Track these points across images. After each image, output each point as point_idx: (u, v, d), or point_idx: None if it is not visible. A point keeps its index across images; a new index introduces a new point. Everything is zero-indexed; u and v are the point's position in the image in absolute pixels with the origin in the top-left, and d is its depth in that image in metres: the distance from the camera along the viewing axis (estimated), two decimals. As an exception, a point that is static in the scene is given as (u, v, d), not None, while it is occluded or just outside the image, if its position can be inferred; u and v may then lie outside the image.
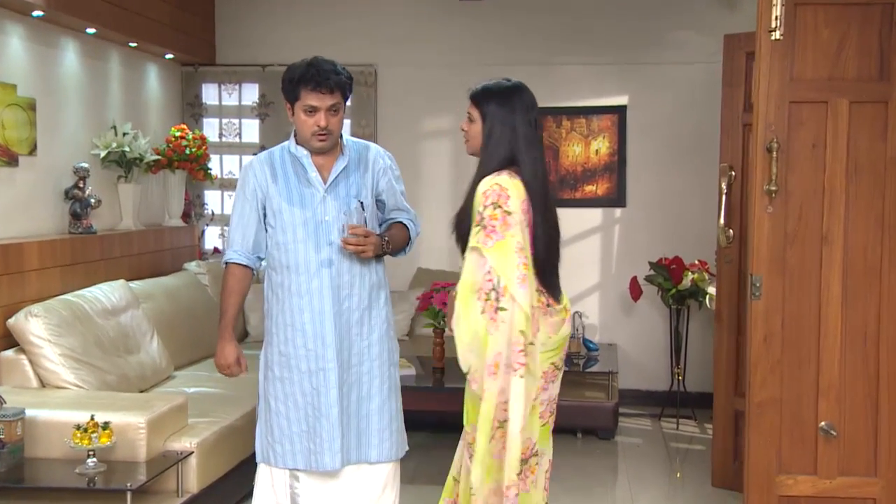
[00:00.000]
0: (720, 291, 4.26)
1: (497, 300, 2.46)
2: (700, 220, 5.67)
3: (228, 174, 6.08)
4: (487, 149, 2.60)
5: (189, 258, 5.54)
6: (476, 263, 2.50)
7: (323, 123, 2.78)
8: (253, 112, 6.00)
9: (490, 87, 2.67)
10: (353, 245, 2.77)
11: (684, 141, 5.78)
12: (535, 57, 5.85)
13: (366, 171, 2.91)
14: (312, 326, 2.84)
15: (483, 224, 2.50)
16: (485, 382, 2.48)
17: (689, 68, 5.72)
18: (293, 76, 2.79)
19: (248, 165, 2.93)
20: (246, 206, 2.89)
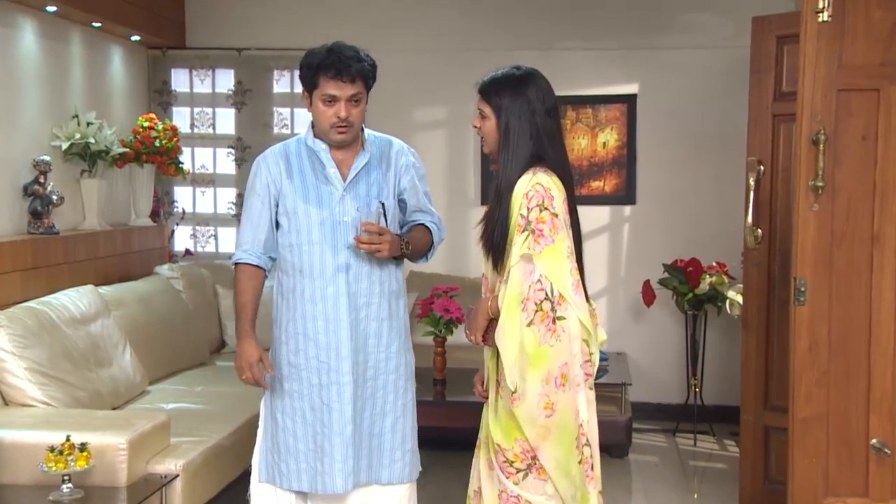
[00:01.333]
0: (748, 296, 4.24)
1: (553, 310, 2.48)
2: (717, 219, 5.68)
3: (201, 168, 6.02)
4: (509, 148, 2.58)
5: (159, 261, 5.46)
6: (523, 271, 2.49)
7: (343, 114, 2.76)
8: (228, 101, 5.95)
9: (499, 78, 2.64)
10: (367, 244, 2.73)
11: (699, 132, 5.78)
12: (536, 41, 5.82)
13: (388, 168, 2.89)
14: (326, 336, 2.81)
15: (531, 228, 2.50)
16: (552, 396, 2.51)
17: (704, 53, 5.72)
18: (312, 62, 2.77)
19: (261, 158, 2.91)
20: (256, 203, 2.87)
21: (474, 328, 2.65)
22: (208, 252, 6.04)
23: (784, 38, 4.03)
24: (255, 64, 5.89)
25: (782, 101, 4.08)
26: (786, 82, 4.08)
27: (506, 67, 2.67)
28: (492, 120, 2.63)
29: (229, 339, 5.34)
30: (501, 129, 2.59)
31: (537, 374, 2.50)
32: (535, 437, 2.54)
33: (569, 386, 2.52)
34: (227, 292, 5.38)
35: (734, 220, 5.50)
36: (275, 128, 5.94)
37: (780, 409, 4.08)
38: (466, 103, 5.97)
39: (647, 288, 5.46)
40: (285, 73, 5.90)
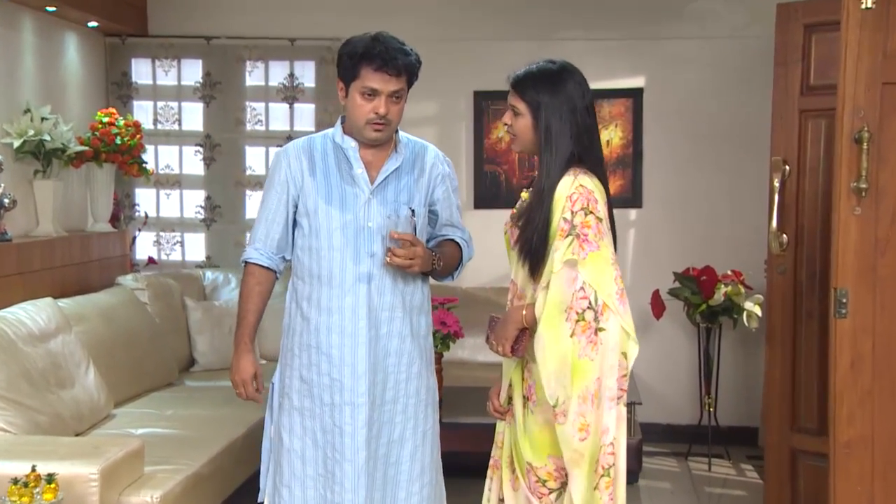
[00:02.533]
0: (772, 307, 4.23)
1: (596, 320, 2.50)
2: (732, 223, 5.69)
3: (165, 169, 5.96)
4: (551, 148, 2.60)
5: (120, 270, 5.37)
6: (566, 279, 2.52)
7: (383, 111, 2.75)
8: (196, 94, 5.91)
9: (535, 73, 2.66)
10: (400, 257, 2.72)
11: (711, 130, 5.78)
12: (532, 31, 5.80)
13: (421, 174, 2.90)
14: (340, 352, 2.80)
15: (576, 233, 2.53)
16: (588, 415, 2.51)
17: (716, 44, 5.72)
18: (354, 51, 2.75)
19: (283, 152, 2.90)
20: (273, 199, 2.87)
21: (502, 338, 2.63)
22: (174, 261, 5.98)
23: (812, 26, 4.03)
24: (225, 54, 5.84)
25: (810, 96, 4.07)
26: (814, 75, 4.07)
27: (539, 61, 2.68)
28: (526, 118, 2.64)
29: (199, 355, 5.27)
30: (541, 128, 2.61)
31: (575, 391, 2.51)
32: (569, 461, 2.54)
33: (599, 402, 2.52)
34: (196, 304, 5.33)
35: (750, 224, 5.52)
36: (248, 124, 5.90)
37: (810, 431, 4.08)
38: (457, 99, 6.07)
39: (657, 299, 5.44)
40: (259, 64, 5.87)
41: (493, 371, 5.17)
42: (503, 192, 5.85)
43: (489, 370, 5.22)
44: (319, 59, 5.80)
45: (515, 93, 2.66)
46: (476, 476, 4.19)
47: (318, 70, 5.82)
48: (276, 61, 5.85)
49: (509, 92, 2.69)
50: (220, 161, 5.89)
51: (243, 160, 5.91)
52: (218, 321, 5.29)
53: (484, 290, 5.76)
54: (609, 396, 2.53)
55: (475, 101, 5.86)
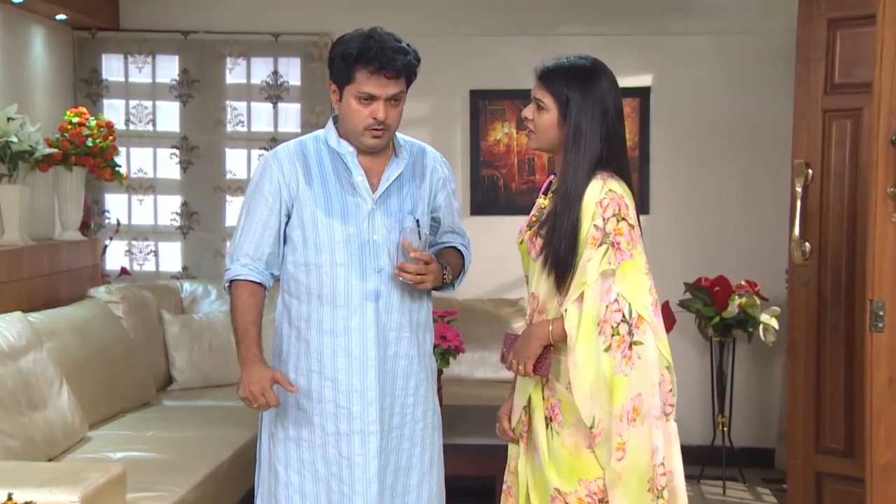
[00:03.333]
0: (795, 320, 4.24)
1: (630, 333, 2.51)
2: (746, 231, 5.69)
3: (139, 173, 5.92)
4: (579, 150, 2.60)
5: (91, 281, 5.31)
6: (599, 290, 2.53)
7: (381, 116, 2.70)
8: (171, 93, 5.87)
9: (566, 66, 2.67)
10: (412, 274, 2.69)
11: (724, 131, 5.78)
12: (532, 26, 5.79)
13: (422, 180, 2.88)
14: (348, 377, 2.75)
15: (609, 241, 2.54)
16: (624, 434, 2.51)
17: (729, 39, 5.72)
18: (348, 52, 2.69)
19: (272, 157, 2.83)
20: (263, 209, 2.78)
21: (524, 356, 2.62)
22: (147, 271, 5.93)
23: (837, 21, 4.04)
24: (203, 49, 5.81)
25: (834, 95, 4.09)
26: (839, 73, 4.09)
27: (570, 56, 2.69)
28: (552, 113, 2.63)
29: (178, 373, 5.22)
30: (570, 127, 2.60)
31: (616, 408, 2.52)
32: (609, 483, 2.55)
33: (641, 419, 2.52)
34: (174, 318, 5.29)
35: (766, 231, 5.53)
36: (228, 125, 5.86)
37: (836, 453, 4.08)
38: (452, 98, 6.04)
39: (666, 311, 5.36)
40: (240, 60, 5.83)
41: (491, 388, 5.26)
42: (501, 197, 5.82)
43: (488, 388, 5.25)
44: (305, 56, 5.76)
45: (543, 85, 2.65)
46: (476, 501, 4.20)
47: (304, 67, 5.79)
48: (258, 58, 5.82)
49: (535, 84, 2.68)
50: (198, 164, 5.84)
51: (223, 164, 5.86)
52: (197, 336, 5.25)
53: (481, 302, 5.72)
54: (655, 415, 2.52)
55: (471, 100, 5.83)
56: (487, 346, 5.42)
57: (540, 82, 2.66)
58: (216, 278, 5.75)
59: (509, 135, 5.83)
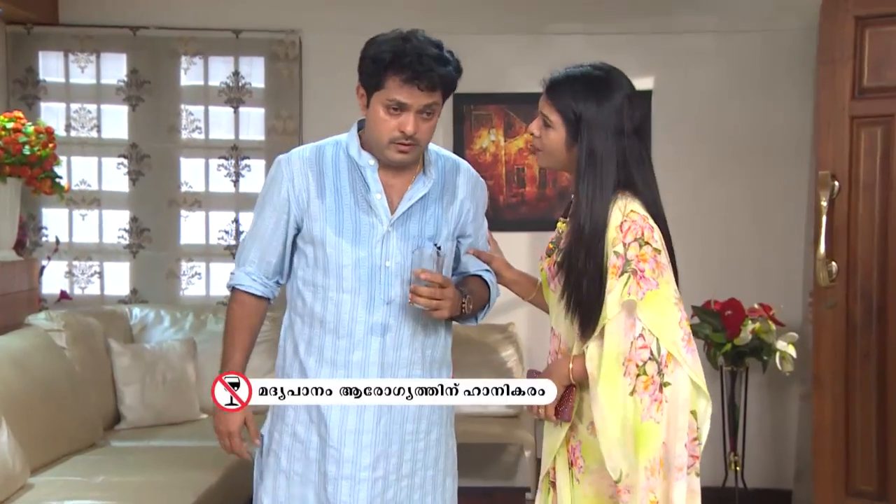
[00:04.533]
0: (820, 347, 4.25)
1: (660, 373, 2.48)
2: (759, 248, 5.69)
3: (81, 184, 5.85)
4: (591, 175, 2.57)
5: (27, 307, 5.22)
6: (623, 325, 2.50)
7: (410, 129, 2.64)
8: (119, 95, 5.82)
9: (576, 77, 2.62)
10: (426, 298, 2.63)
11: (734, 138, 5.78)
12: (521, 23, 5.78)
13: (451, 202, 2.83)
14: (342, 416, 2.73)
15: (631, 269, 2.50)
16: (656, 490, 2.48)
17: (738, 38, 5.74)
18: (380, 56, 2.63)
19: (285, 162, 2.80)
20: (270, 219, 2.80)
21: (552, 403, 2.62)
22: (91, 295, 5.85)
23: (866, 18, 4.08)
24: (155, 47, 5.77)
25: (863, 100, 4.12)
26: (868, 75, 4.12)
27: (581, 65, 2.64)
28: (559, 132, 2.61)
29: (127, 410, 5.14)
30: (582, 150, 2.56)
31: (641, 461, 2.48)
32: None
33: (666, 471, 2.49)
34: (123, 348, 5.22)
35: (781, 248, 5.55)
36: (183, 131, 5.81)
37: (868, 496, 4.08)
38: None
39: (672, 338, 5.40)
40: (197, 60, 5.79)
41: (481, 424, 5.22)
42: (488, 211, 5.60)
43: (476, 423, 5.21)
44: (270, 55, 5.73)
45: (549, 100, 2.62)
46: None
47: (268, 68, 5.77)
48: (217, 57, 5.79)
49: (542, 97, 2.65)
50: (150, 175, 5.79)
51: (178, 174, 5.82)
52: (149, 368, 5.18)
53: (466, 328, 5.61)
54: (677, 465, 2.49)
55: (455, 104, 5.78)
56: (475, 376, 5.31)
57: (546, 96, 2.63)
58: (169, 303, 5.76)
59: (496, 143, 5.81)
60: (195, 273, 5.85)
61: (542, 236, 5.69)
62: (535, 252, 5.69)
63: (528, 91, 5.72)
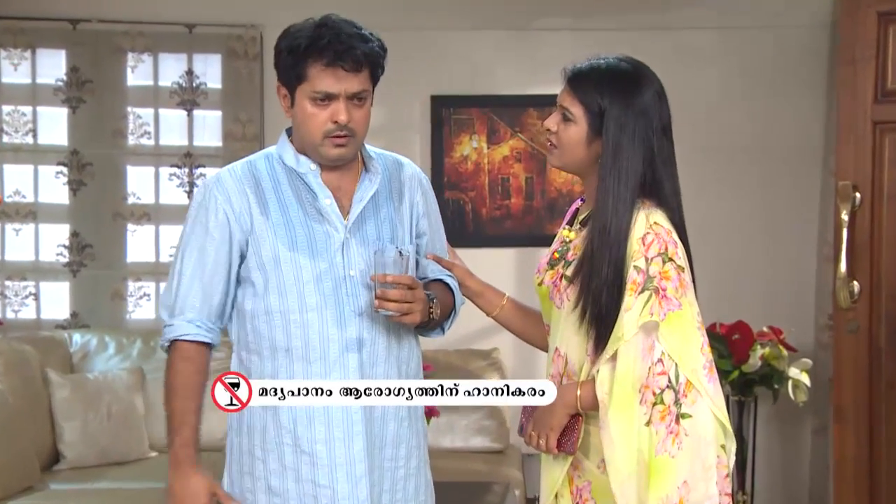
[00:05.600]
0: (842, 375, 4.26)
1: (677, 403, 2.49)
2: (768, 266, 5.70)
3: (14, 196, 5.81)
4: (617, 172, 2.59)
5: (-47, 333, 5.18)
6: (640, 347, 2.50)
7: (343, 118, 2.67)
8: (57, 96, 5.80)
9: (603, 69, 2.66)
10: (396, 302, 2.63)
11: (738, 146, 5.80)
12: (506, 18, 5.80)
13: (401, 201, 2.88)
14: (329, 448, 2.71)
15: (653, 286, 2.51)
16: None
17: (744, 36, 5.75)
18: (296, 43, 2.67)
19: (214, 184, 2.78)
20: (208, 249, 2.74)
21: (547, 427, 2.61)
22: (25, 319, 5.82)
23: (890, 14, 4.10)
24: (98, 43, 5.74)
25: (888, 103, 4.15)
26: (892, 76, 4.15)
27: (605, 56, 2.68)
28: (580, 127, 2.62)
29: (67, 447, 5.09)
30: (608, 146, 2.59)
31: (652, 499, 2.48)
32: None
33: None
34: (62, 379, 5.18)
35: (793, 266, 5.59)
36: (130, 136, 5.79)
37: (896, 538, 4.04)
38: (409, 105, 5.97)
39: (673, 364, 5.39)
40: (145, 57, 5.77)
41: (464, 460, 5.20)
42: (469, 226, 5.80)
43: (459, 459, 5.21)
44: (228, 52, 5.73)
45: (572, 92, 2.63)
46: None
47: (225, 66, 5.76)
48: (168, 54, 5.79)
49: (563, 89, 2.67)
50: (92, 186, 5.75)
51: (124, 184, 5.80)
52: (92, 401, 5.13)
53: (446, 354, 5.64)
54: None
55: (433, 108, 5.81)
56: (456, 409, 5.34)
57: (569, 87, 2.64)
58: (114, 327, 5.71)
59: (479, 150, 5.79)
60: (143, 294, 5.80)
61: (530, 253, 5.85)
62: (522, 270, 5.72)
63: (513, 93, 5.91)
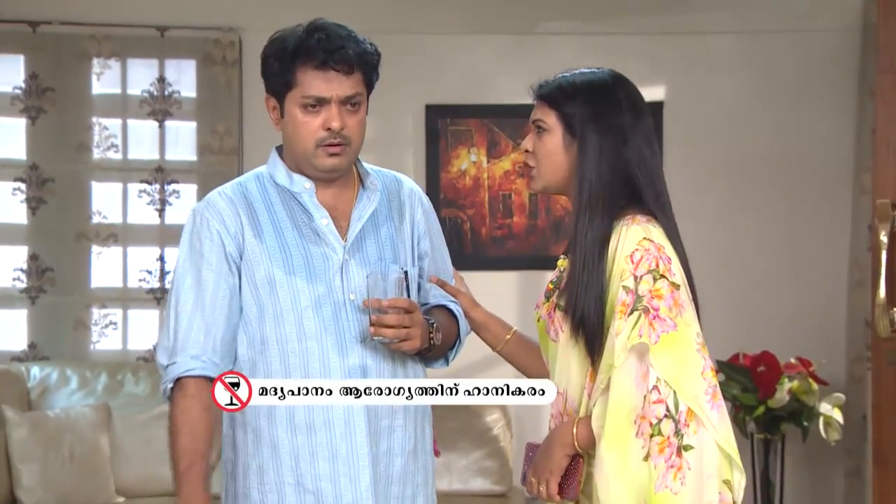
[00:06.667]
0: (881, 412, 4.18)
1: (677, 434, 2.45)
2: (795, 292, 5.70)
3: None
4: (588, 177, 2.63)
5: None
6: (633, 374, 2.50)
7: (336, 124, 2.70)
8: (14, 105, 5.80)
9: (575, 81, 2.69)
10: (393, 328, 2.66)
11: (760, 159, 5.81)
12: (507, 21, 5.83)
13: (401, 220, 2.91)
14: (334, 486, 2.73)
15: (643, 306, 2.50)
16: None
17: (765, 41, 5.77)
18: (283, 47, 2.71)
19: (205, 208, 2.81)
20: (207, 276, 2.77)
21: (546, 471, 2.61)
22: (-23, 349, 5.82)
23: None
24: (60, 47, 5.74)
25: (932, 114, 4.06)
26: (935, 85, 4.06)
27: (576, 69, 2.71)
28: (556, 134, 2.67)
29: (25, 493, 5.06)
30: (586, 154, 2.62)
31: None
32: None
33: None
34: (19, 417, 5.16)
35: (822, 291, 5.60)
36: (95, 150, 5.79)
37: None
38: (403, 115, 5.99)
39: (692, 400, 5.36)
40: (112, 62, 5.78)
41: None
42: (468, 246, 5.81)
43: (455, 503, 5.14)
44: (204, 58, 5.75)
45: (542, 103, 2.69)
46: None
47: (201, 73, 5.78)
48: (138, 59, 5.81)
49: (535, 105, 2.72)
50: (53, 204, 5.74)
51: (88, 202, 5.79)
52: (53, 441, 5.10)
53: (439, 390, 5.61)
54: None
55: (428, 118, 5.82)
56: (454, 447, 5.34)
57: (539, 101, 2.70)
58: (77, 359, 5.68)
59: (478, 164, 5.80)
60: (109, 322, 5.78)
61: (534, 276, 5.84)
62: (524, 296, 5.70)
63: (515, 102, 5.85)
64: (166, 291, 5.60)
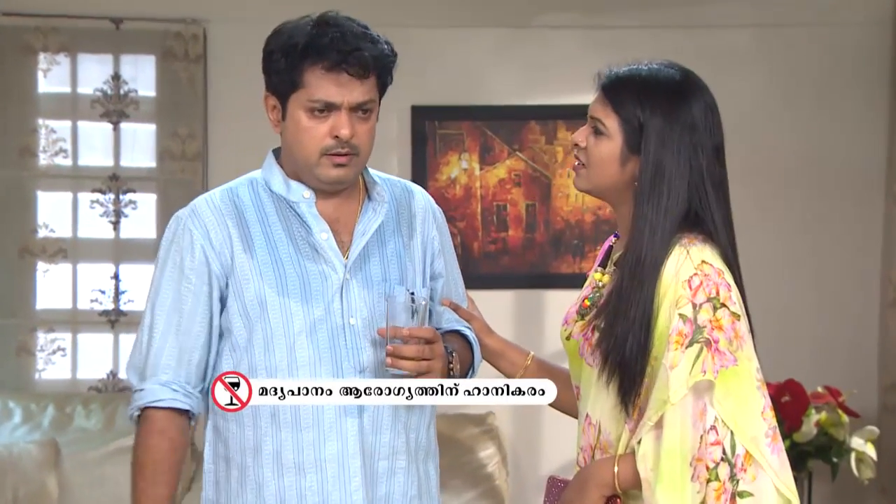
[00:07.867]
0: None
1: (733, 479, 2.48)
2: (821, 315, 5.72)
3: None
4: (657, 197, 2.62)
5: None
6: (690, 412, 2.51)
7: (345, 132, 2.68)
8: None
9: (644, 75, 2.71)
10: (412, 361, 2.65)
11: (782, 167, 5.82)
12: (501, 14, 5.87)
13: (410, 235, 2.92)
14: None
15: (704, 338, 2.50)
16: None
17: (786, 35, 5.79)
18: (292, 42, 2.68)
19: (189, 216, 2.81)
20: (185, 295, 2.77)
21: None
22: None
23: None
24: (2, 41, 5.74)
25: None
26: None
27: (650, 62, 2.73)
28: (615, 142, 2.66)
29: None
30: (647, 168, 2.62)
31: None
32: None
33: None
34: None
35: (851, 314, 5.62)
36: (42, 155, 5.79)
37: None
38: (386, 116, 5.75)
39: (712, 431, 5.35)
40: (61, 58, 5.78)
41: None
42: (460, 261, 5.62)
43: None
44: (164, 53, 5.76)
45: (607, 101, 2.67)
46: None
47: (161, 70, 5.80)
48: (90, 55, 5.82)
49: (595, 98, 2.70)
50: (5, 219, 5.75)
51: (33, 214, 5.81)
52: None
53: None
54: None
55: (414, 120, 5.83)
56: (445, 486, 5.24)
57: (603, 95, 2.67)
58: (20, 390, 5.67)
59: (469, 171, 5.81)
60: (57, 349, 5.76)
61: (531, 295, 5.85)
62: (520, 316, 5.72)
63: (511, 103, 5.87)
64: (121, 314, 5.63)
